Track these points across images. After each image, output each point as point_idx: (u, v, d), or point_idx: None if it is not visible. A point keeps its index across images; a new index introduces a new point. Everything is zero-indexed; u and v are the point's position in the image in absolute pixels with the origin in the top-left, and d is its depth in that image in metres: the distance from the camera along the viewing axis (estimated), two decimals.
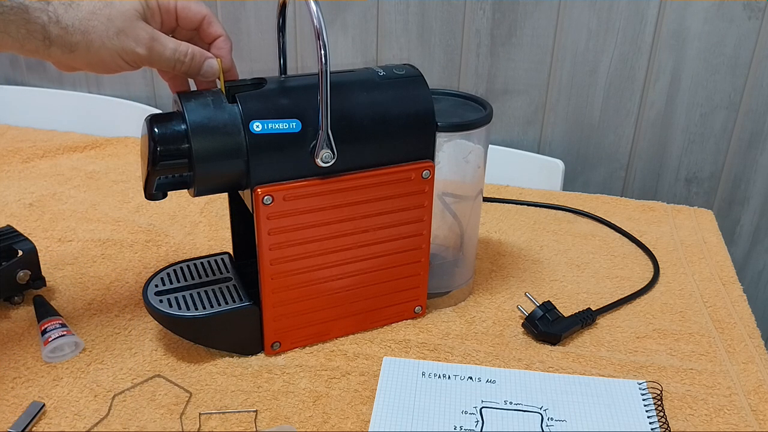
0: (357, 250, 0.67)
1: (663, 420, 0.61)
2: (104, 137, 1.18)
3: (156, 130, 0.58)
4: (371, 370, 0.67)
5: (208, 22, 0.63)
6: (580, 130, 1.09)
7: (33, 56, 0.57)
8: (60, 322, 0.69)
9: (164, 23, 0.61)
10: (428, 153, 0.67)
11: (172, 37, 0.62)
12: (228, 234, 0.75)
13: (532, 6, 1.02)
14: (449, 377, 0.66)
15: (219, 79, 0.63)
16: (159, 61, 0.60)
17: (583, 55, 1.04)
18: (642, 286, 0.81)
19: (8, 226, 0.77)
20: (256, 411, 0.62)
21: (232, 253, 0.75)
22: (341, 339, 0.71)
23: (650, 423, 0.61)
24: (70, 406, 0.61)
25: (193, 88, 0.65)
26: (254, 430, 0.60)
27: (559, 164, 1.08)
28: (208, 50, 0.63)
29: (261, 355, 0.68)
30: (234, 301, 0.67)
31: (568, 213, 0.99)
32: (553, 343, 0.71)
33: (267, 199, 0.61)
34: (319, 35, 0.58)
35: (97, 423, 0.60)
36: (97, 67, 0.58)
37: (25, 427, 0.58)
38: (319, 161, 0.61)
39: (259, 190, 0.61)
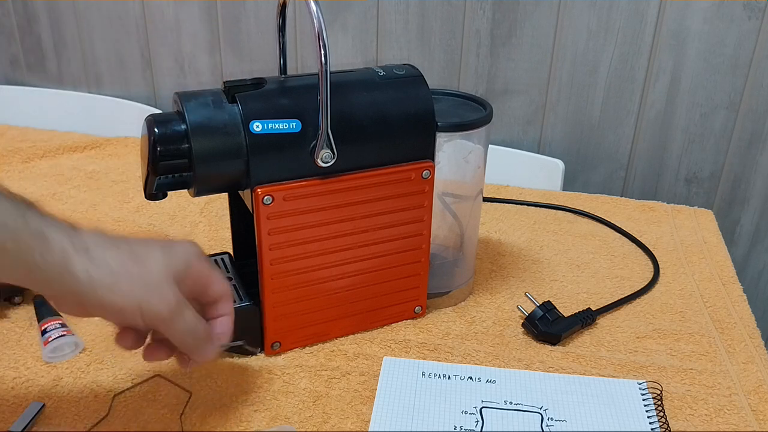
0: (357, 250, 0.67)
1: (663, 420, 0.61)
2: (104, 137, 1.18)
3: (156, 130, 0.58)
4: (371, 370, 0.67)
5: (224, 301, 0.58)
6: (580, 130, 1.09)
7: (33, 287, 0.51)
8: (60, 322, 0.69)
9: (190, 291, 0.55)
10: (428, 153, 0.67)
11: None
12: (228, 234, 0.75)
13: (532, 6, 1.02)
14: (449, 377, 0.66)
15: None
16: (174, 328, 0.53)
17: (583, 55, 1.04)
18: (642, 286, 0.81)
19: None
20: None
21: (232, 253, 0.75)
22: (341, 339, 0.71)
23: (650, 423, 0.61)
24: (70, 406, 0.61)
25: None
26: (254, 430, 0.60)
27: (559, 164, 1.08)
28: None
29: (261, 355, 0.68)
30: (234, 301, 0.67)
31: (568, 213, 0.99)
32: (553, 343, 0.71)
33: (267, 199, 0.61)
34: (319, 35, 0.58)
35: (97, 423, 0.60)
36: (107, 312, 0.51)
37: (25, 427, 0.58)
38: (319, 161, 0.61)
39: (259, 190, 0.61)
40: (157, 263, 0.52)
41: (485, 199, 1.00)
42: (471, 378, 0.66)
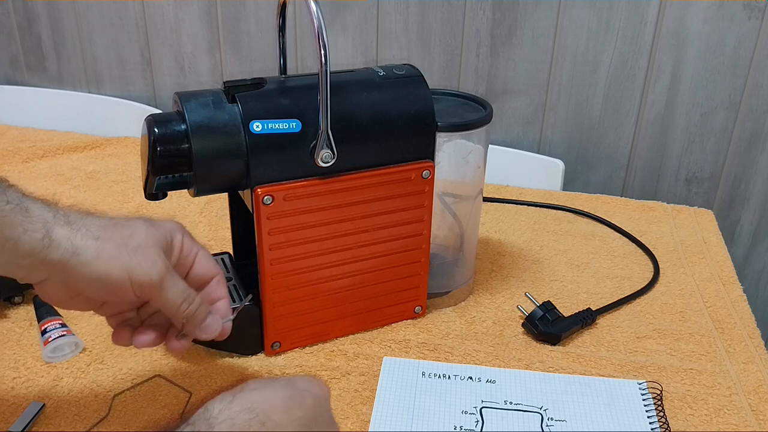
0: (357, 250, 0.67)
1: (663, 420, 0.61)
2: (104, 137, 1.18)
3: (156, 130, 0.58)
4: (371, 370, 0.67)
5: (217, 282, 0.58)
6: (580, 130, 1.09)
7: (20, 272, 0.49)
8: (60, 322, 0.69)
9: (177, 267, 0.55)
10: (428, 153, 0.67)
11: None
12: (228, 234, 0.75)
13: (532, 6, 1.02)
14: (449, 377, 0.66)
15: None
16: (166, 295, 0.52)
17: (583, 55, 1.04)
18: (642, 286, 0.81)
19: None
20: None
21: (232, 253, 0.75)
22: (341, 339, 0.71)
23: (650, 423, 0.61)
24: (70, 406, 0.61)
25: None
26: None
27: (559, 164, 1.08)
28: None
29: (261, 355, 0.68)
30: (234, 301, 0.67)
31: (568, 213, 0.99)
32: (553, 343, 0.71)
33: (267, 199, 0.61)
34: (319, 35, 0.58)
35: (97, 423, 0.60)
36: (96, 285, 0.50)
37: (25, 427, 0.58)
38: (319, 161, 0.61)
39: (259, 190, 0.61)
40: (141, 230, 0.52)
41: (485, 199, 1.00)
42: (471, 378, 0.66)
